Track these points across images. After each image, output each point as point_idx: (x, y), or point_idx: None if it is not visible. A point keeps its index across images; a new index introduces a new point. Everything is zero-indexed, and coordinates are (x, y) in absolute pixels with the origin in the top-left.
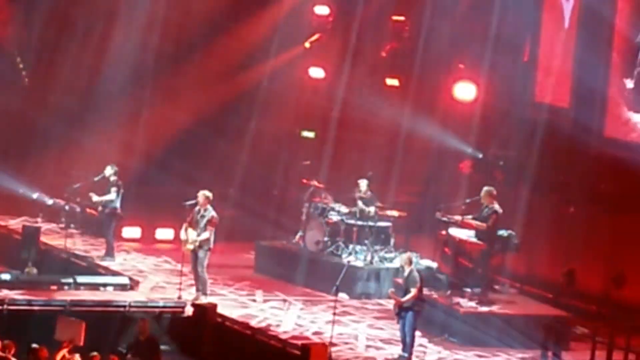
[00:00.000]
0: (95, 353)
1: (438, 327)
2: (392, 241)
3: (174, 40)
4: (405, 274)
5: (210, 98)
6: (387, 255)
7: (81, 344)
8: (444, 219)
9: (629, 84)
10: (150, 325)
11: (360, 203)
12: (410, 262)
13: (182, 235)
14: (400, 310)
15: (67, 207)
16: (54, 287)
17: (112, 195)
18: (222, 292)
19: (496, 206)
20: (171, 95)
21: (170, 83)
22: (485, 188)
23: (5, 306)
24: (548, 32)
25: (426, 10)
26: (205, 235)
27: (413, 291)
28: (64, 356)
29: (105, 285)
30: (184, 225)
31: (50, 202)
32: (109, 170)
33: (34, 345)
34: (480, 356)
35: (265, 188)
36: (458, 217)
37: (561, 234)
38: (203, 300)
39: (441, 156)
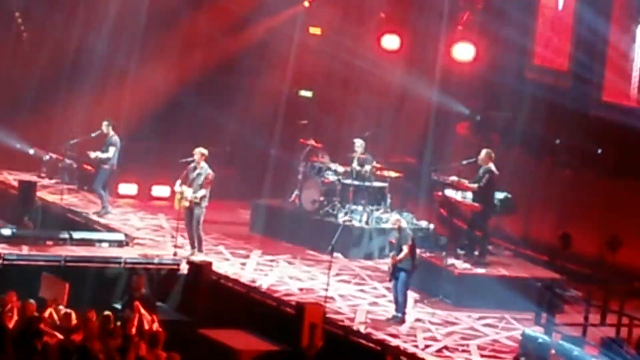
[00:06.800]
0: (91, 309)
1: (433, 288)
2: (388, 201)
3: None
4: (398, 234)
5: (208, 56)
6: (383, 216)
7: (64, 303)
8: (440, 180)
9: None
10: (146, 282)
11: (355, 163)
12: (399, 224)
13: (177, 191)
14: (394, 270)
15: (63, 163)
16: (50, 243)
17: (109, 154)
18: (218, 250)
19: (492, 166)
20: (169, 53)
21: (168, 40)
22: (484, 150)
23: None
24: None
25: None
26: (202, 192)
27: (405, 249)
28: (51, 313)
29: (100, 241)
30: (178, 182)
31: (46, 157)
32: (105, 126)
33: (30, 301)
34: (474, 318)
35: (262, 147)
36: (454, 178)
37: (557, 197)
38: (198, 257)
39: (438, 117)
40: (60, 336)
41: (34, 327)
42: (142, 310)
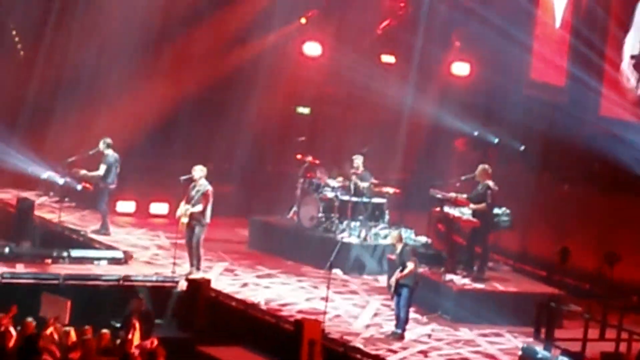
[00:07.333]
0: (87, 327)
1: (431, 304)
2: (386, 218)
3: (168, 17)
4: (398, 251)
5: (205, 74)
6: (381, 232)
7: (66, 322)
8: (439, 196)
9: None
10: (146, 302)
11: (354, 179)
12: (400, 239)
13: (178, 213)
14: (397, 287)
15: (62, 181)
16: (48, 261)
17: (100, 172)
18: (216, 267)
19: (490, 183)
20: (167, 71)
21: (166, 58)
22: (481, 166)
23: None
24: (545, 9)
25: None
26: (198, 207)
27: (410, 265)
28: (51, 332)
29: (99, 259)
30: (182, 204)
31: (44, 175)
32: (101, 144)
33: (29, 319)
34: (473, 333)
35: (260, 164)
36: (452, 195)
37: (555, 212)
38: (197, 275)
39: (436, 133)
40: (59, 353)
41: (32, 345)
42: (138, 333)
